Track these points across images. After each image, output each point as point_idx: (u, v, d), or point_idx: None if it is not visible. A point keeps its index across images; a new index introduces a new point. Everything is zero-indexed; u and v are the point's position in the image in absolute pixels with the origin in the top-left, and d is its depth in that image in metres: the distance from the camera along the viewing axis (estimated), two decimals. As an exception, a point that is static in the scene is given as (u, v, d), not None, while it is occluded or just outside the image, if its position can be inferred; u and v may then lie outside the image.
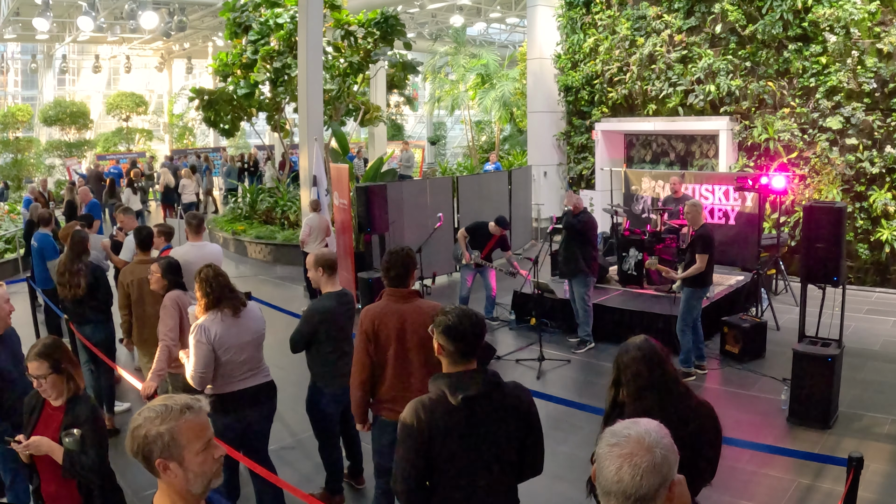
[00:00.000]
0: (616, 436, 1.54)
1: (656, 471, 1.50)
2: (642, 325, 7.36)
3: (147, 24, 16.84)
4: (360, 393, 3.59)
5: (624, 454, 1.50)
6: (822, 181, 9.86)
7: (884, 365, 6.68)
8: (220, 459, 1.83)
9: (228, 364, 3.81)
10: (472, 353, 2.55)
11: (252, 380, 3.93)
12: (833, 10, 9.44)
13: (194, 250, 5.60)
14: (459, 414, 2.45)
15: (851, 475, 3.05)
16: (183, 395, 1.85)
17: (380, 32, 14.23)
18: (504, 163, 18.43)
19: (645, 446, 1.51)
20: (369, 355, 3.52)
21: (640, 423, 1.58)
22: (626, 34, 12.26)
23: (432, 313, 3.41)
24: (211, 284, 3.79)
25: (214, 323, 3.77)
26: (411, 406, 2.50)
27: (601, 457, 1.53)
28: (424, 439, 2.44)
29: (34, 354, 2.95)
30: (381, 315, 3.52)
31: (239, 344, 3.83)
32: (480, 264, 8.00)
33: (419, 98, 28.15)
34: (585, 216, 7.36)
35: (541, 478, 2.72)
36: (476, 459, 2.49)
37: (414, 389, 3.43)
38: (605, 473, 1.51)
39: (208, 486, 1.82)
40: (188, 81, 29.99)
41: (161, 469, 1.76)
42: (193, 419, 1.78)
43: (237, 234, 13.74)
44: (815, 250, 5.49)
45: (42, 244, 7.32)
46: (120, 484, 3.23)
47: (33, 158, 24.64)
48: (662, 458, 1.51)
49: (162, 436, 1.73)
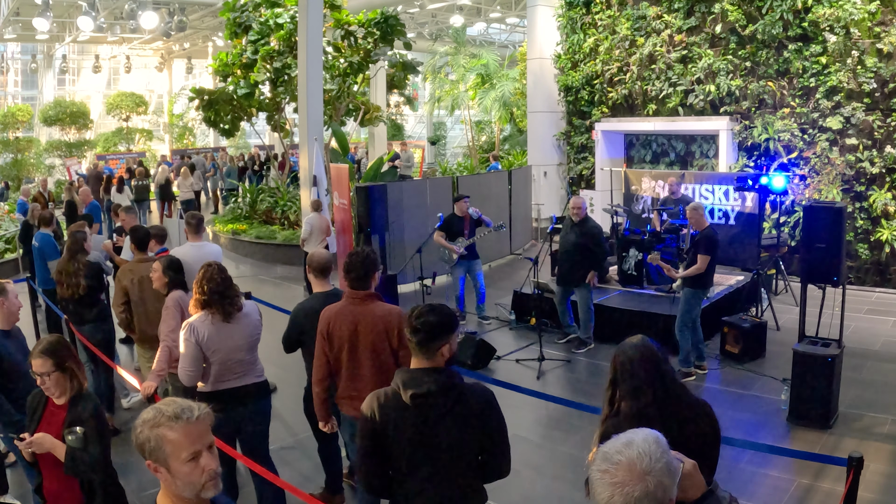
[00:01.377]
0: (608, 461, 1.47)
1: (650, 498, 1.44)
2: (642, 325, 7.37)
3: (147, 24, 16.83)
4: (318, 390, 3.69)
5: (615, 483, 1.44)
6: (822, 181, 9.86)
7: (884, 365, 6.68)
8: (212, 472, 1.78)
9: (217, 365, 3.80)
10: (422, 348, 2.52)
11: (241, 380, 3.91)
12: (833, 10, 9.44)
13: (194, 250, 5.60)
14: (410, 410, 2.48)
15: (851, 475, 3.05)
16: (181, 401, 1.81)
17: (380, 32, 14.23)
18: (504, 163, 18.43)
19: (637, 474, 1.44)
20: (326, 355, 3.59)
21: (633, 445, 1.49)
22: (626, 34, 12.26)
23: (386, 317, 3.45)
24: (205, 286, 3.77)
25: (204, 324, 3.76)
26: (368, 399, 2.57)
27: (593, 481, 1.48)
28: (378, 431, 2.50)
29: (38, 352, 2.97)
30: (335, 316, 3.57)
31: (228, 347, 3.80)
32: (472, 245, 8.05)
33: (419, 98, 28.16)
34: (594, 223, 7.38)
35: (541, 478, 2.72)
36: (428, 456, 2.51)
37: (365, 390, 3.46)
38: (598, 498, 1.47)
39: (198, 495, 1.78)
40: (188, 81, 29.98)
41: (152, 470, 1.79)
42: (182, 428, 1.74)
43: (237, 234, 13.75)
44: (815, 250, 5.49)
45: (42, 244, 7.32)
46: (121, 483, 3.24)
47: (33, 158, 24.62)
48: (656, 484, 1.45)
49: (149, 440, 1.75)
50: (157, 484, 1.84)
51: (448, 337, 2.52)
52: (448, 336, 2.52)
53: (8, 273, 11.39)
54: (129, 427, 5.51)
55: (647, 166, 12.72)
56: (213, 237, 14.68)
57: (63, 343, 3.09)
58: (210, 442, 1.80)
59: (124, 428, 5.59)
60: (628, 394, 2.66)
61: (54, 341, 3.07)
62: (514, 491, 4.25)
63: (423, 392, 2.46)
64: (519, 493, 4.35)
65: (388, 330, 3.46)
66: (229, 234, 13.97)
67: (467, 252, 8.13)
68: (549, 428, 5.58)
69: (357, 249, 3.65)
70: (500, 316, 8.63)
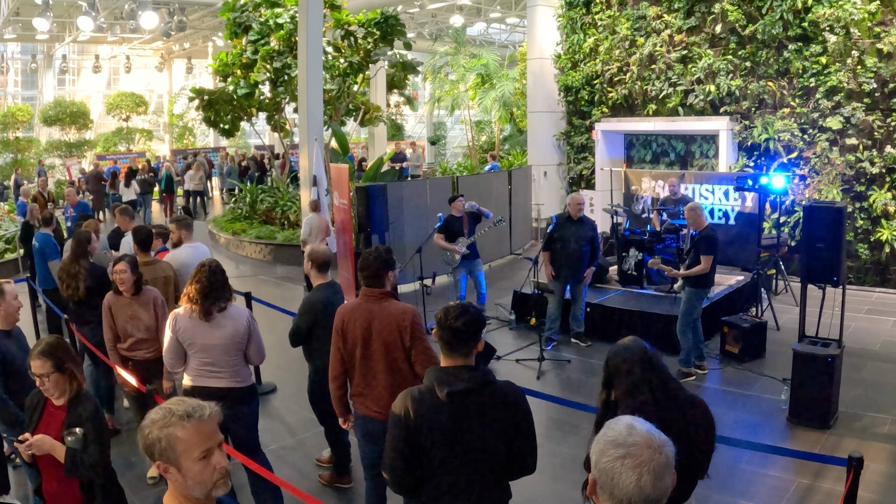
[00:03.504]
0: (623, 445, 1.52)
1: (669, 469, 1.52)
2: (642, 325, 7.37)
3: (147, 24, 16.85)
4: (334, 387, 3.69)
5: (641, 462, 1.49)
6: (822, 181, 9.86)
7: (884, 365, 6.68)
8: (223, 470, 1.80)
9: (195, 359, 3.93)
10: (459, 347, 2.57)
11: (215, 381, 3.91)
12: (833, 10, 9.44)
13: (190, 251, 5.67)
14: (445, 408, 2.49)
15: (851, 475, 3.05)
16: (190, 400, 1.82)
17: (380, 32, 14.23)
18: (504, 163, 18.44)
19: (655, 448, 1.52)
20: (341, 352, 3.59)
21: (634, 427, 1.56)
22: (626, 34, 12.26)
23: (400, 316, 3.45)
24: (193, 283, 3.89)
25: (184, 318, 3.91)
26: (402, 396, 2.57)
27: (612, 470, 1.50)
28: (411, 429, 2.50)
29: (37, 353, 2.96)
30: (350, 313, 3.57)
31: (204, 344, 3.88)
32: (472, 243, 8.06)
33: (419, 98, 28.17)
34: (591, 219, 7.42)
35: (541, 478, 2.73)
36: (461, 453, 2.52)
37: (378, 388, 3.50)
38: (622, 485, 1.49)
39: (209, 493, 1.79)
40: (188, 81, 29.99)
41: (161, 470, 1.78)
42: (193, 427, 1.75)
43: (237, 234, 13.75)
44: (815, 250, 5.49)
45: (43, 244, 7.33)
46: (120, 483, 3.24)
47: (33, 158, 24.62)
48: (669, 455, 1.53)
49: (160, 440, 1.74)
50: (156, 485, 1.84)
51: (481, 334, 2.63)
52: (481, 333, 2.63)
53: (8, 273, 11.39)
54: (129, 427, 5.52)
55: (647, 166, 12.72)
56: (213, 237, 14.70)
57: (62, 344, 3.07)
58: (220, 440, 1.82)
59: (125, 428, 5.59)
60: (625, 393, 2.69)
61: (53, 343, 3.05)
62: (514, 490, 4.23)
63: (460, 389, 2.49)
64: (519, 493, 4.37)
65: (402, 329, 3.45)
66: (229, 234, 13.96)
67: (469, 251, 8.12)
68: (549, 428, 5.58)
69: (372, 248, 3.66)
70: (500, 316, 8.63)
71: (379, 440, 3.21)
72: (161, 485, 4.46)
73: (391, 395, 2.63)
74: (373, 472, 3.65)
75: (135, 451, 4.91)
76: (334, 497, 4.61)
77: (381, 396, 3.45)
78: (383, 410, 3.26)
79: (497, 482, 2.62)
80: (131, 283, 4.62)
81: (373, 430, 3.52)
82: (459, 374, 2.54)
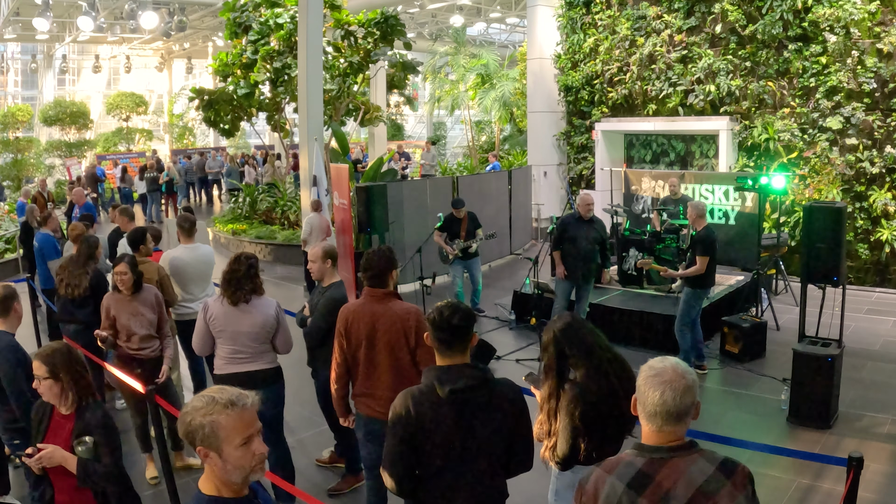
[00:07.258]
0: (653, 369, 1.88)
1: (690, 391, 1.84)
2: (642, 324, 7.37)
3: (147, 24, 16.85)
4: (336, 387, 3.70)
5: (665, 381, 1.83)
6: (822, 181, 9.86)
7: (884, 365, 6.68)
8: (261, 456, 1.87)
9: (224, 346, 4.07)
10: (455, 344, 2.58)
11: (250, 365, 4.08)
12: (833, 10, 9.44)
13: (187, 252, 5.65)
14: (446, 406, 2.50)
15: (851, 475, 3.05)
16: (232, 389, 1.88)
17: (380, 32, 14.22)
18: (504, 163, 18.42)
19: (679, 374, 1.85)
20: (344, 352, 3.59)
21: (667, 359, 1.91)
22: (626, 34, 12.26)
23: (404, 316, 3.44)
24: (225, 272, 4.09)
25: (215, 305, 4.10)
26: (401, 396, 2.57)
27: (644, 387, 1.86)
28: (412, 429, 2.50)
29: (38, 354, 2.92)
30: (354, 313, 3.57)
31: (233, 331, 4.04)
32: (466, 247, 8.10)
33: (419, 98, 28.15)
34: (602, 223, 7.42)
35: (541, 477, 2.73)
36: (462, 451, 2.53)
37: (381, 389, 3.49)
38: (649, 399, 1.85)
39: (247, 478, 1.87)
40: (188, 81, 29.99)
41: (202, 456, 1.83)
42: (236, 414, 1.82)
43: (237, 233, 13.75)
44: (815, 250, 5.49)
45: (43, 244, 7.33)
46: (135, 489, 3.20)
47: (33, 158, 24.61)
48: (693, 381, 1.86)
49: (203, 427, 1.80)
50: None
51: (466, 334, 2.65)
52: (466, 333, 2.65)
53: (8, 273, 11.39)
54: (126, 428, 5.51)
55: (647, 166, 12.72)
56: (214, 237, 14.69)
57: (61, 353, 2.93)
58: (259, 427, 1.89)
59: (122, 429, 5.57)
60: (584, 356, 2.84)
61: (54, 349, 2.95)
62: (514, 490, 4.22)
63: (461, 387, 2.50)
64: (519, 493, 4.39)
65: (406, 329, 3.45)
66: (229, 233, 13.97)
67: (462, 255, 8.19)
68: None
69: (375, 248, 3.66)
70: (500, 316, 8.63)
71: (382, 440, 3.21)
72: (161, 485, 4.47)
73: (395, 396, 2.62)
74: (375, 472, 3.64)
75: (135, 451, 4.91)
76: (335, 497, 4.61)
77: (385, 397, 3.44)
78: (387, 411, 3.26)
79: (496, 480, 2.63)
80: (131, 283, 4.64)
81: (376, 430, 3.51)
82: (460, 371, 2.55)
